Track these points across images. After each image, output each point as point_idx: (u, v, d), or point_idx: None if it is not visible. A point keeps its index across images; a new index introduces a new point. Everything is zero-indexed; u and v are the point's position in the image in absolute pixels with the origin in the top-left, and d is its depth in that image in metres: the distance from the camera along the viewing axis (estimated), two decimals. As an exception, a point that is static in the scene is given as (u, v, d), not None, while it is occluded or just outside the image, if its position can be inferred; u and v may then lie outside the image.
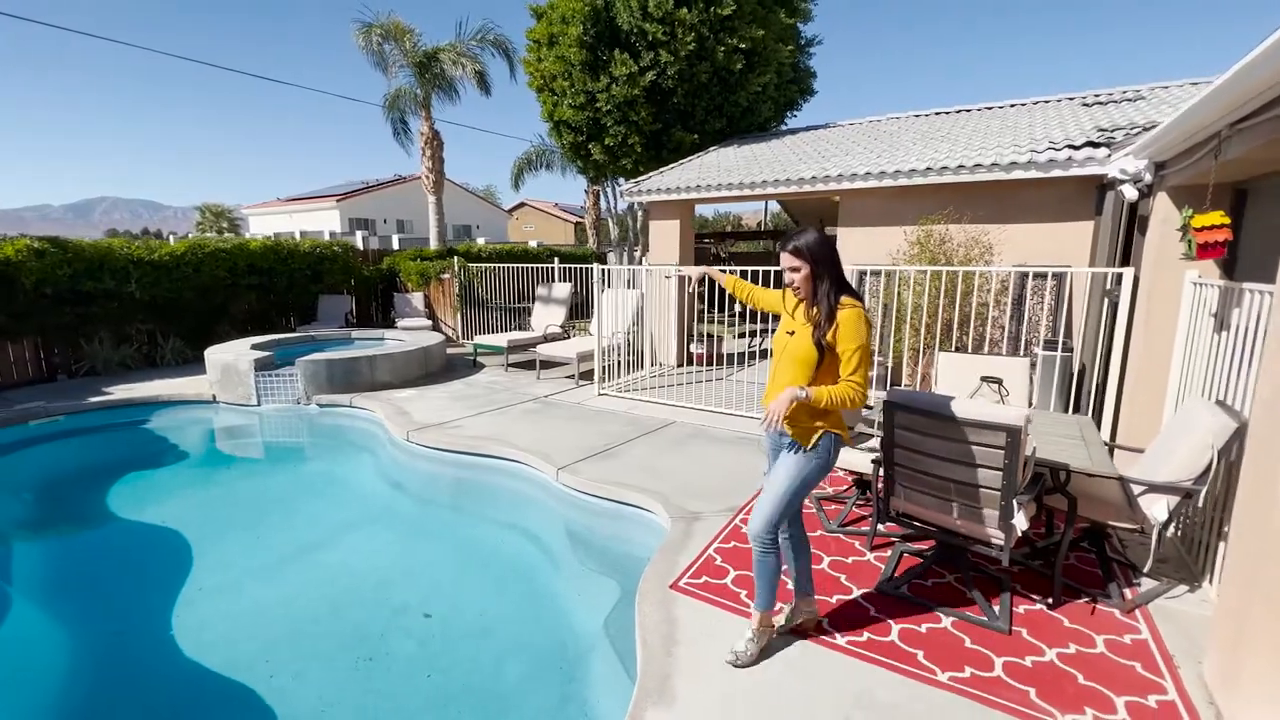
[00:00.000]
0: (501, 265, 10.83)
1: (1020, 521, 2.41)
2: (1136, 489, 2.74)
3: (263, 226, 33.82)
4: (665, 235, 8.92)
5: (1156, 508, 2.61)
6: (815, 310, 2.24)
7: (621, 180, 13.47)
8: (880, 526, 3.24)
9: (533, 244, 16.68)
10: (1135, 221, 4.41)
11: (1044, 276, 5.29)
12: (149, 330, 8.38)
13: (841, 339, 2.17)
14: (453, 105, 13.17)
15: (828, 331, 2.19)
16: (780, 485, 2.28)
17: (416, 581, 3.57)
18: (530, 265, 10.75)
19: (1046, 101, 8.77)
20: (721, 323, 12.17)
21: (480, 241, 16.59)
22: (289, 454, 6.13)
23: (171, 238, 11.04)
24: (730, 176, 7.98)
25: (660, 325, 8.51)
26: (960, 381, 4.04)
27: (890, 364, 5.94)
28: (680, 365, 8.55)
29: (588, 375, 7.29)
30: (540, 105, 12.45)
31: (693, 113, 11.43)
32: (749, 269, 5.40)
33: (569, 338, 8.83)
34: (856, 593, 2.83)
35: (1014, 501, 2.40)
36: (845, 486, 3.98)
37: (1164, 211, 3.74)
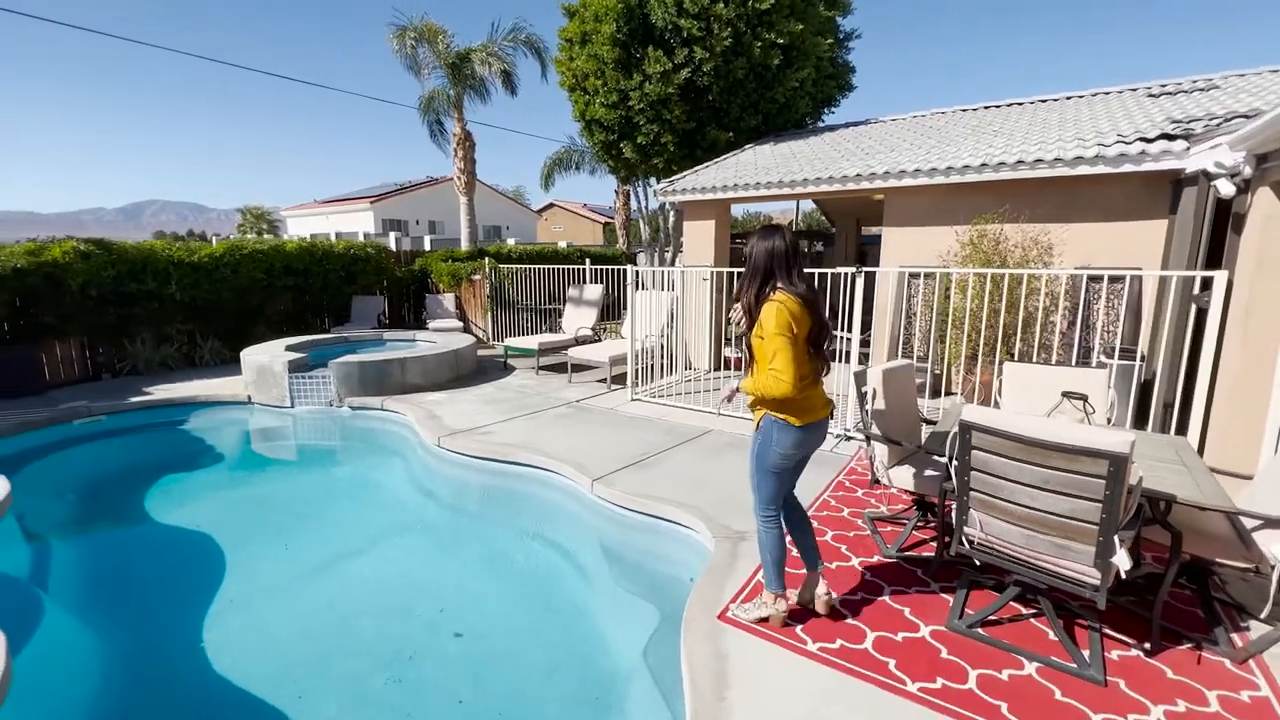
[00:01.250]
0: (532, 266, 10.73)
1: (1122, 560, 2.12)
2: (1249, 523, 2.42)
3: (300, 228, 34.66)
4: (700, 236, 8.69)
5: (1278, 545, 2.28)
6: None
7: (654, 179, 13.25)
8: (946, 554, 2.97)
9: (562, 244, 16.60)
10: (1229, 220, 4.02)
11: (1119, 280, 4.89)
12: (188, 331, 8.51)
13: (763, 331, 2.31)
14: (484, 106, 13.19)
15: (752, 328, 2.38)
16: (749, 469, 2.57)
17: (447, 596, 3.43)
18: (561, 266, 10.62)
19: (1107, 93, 8.26)
20: None
21: (510, 242, 16.59)
22: (321, 457, 6.09)
23: (214, 239, 11.29)
24: (768, 175, 7.71)
25: (694, 328, 8.28)
26: (1027, 395, 3.71)
27: (943, 371, 5.61)
28: (714, 370, 8.31)
29: (620, 379, 7.10)
30: (572, 104, 12.31)
31: (728, 110, 11.14)
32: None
33: (600, 340, 8.67)
34: (924, 629, 2.57)
35: (1114, 538, 2.12)
36: (904, 507, 3.71)
37: (1267, 208, 3.37)
